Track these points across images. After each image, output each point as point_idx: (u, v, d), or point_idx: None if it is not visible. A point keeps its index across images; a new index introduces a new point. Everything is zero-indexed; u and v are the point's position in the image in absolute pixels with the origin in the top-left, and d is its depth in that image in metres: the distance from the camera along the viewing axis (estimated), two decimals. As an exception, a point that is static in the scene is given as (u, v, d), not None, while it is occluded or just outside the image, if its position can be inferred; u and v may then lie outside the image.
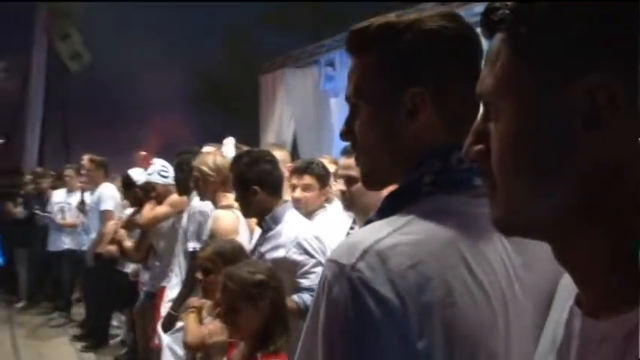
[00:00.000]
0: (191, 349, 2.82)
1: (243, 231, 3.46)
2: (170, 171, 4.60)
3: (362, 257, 0.82)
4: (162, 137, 11.50)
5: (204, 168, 3.60)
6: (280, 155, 3.63)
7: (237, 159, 3.08)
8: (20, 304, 8.42)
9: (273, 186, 2.94)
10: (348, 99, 1.03)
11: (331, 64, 8.76)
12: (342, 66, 8.65)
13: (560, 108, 0.58)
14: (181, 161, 4.28)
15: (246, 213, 3.09)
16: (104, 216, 6.35)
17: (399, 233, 0.85)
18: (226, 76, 22.15)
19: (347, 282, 0.81)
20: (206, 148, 3.87)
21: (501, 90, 0.64)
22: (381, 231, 0.85)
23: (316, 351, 0.85)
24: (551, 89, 0.59)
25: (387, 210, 0.94)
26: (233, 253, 2.73)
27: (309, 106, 9.34)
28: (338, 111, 8.41)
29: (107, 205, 6.38)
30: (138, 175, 5.29)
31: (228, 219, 3.42)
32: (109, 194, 6.47)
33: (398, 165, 0.98)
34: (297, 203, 3.24)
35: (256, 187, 2.88)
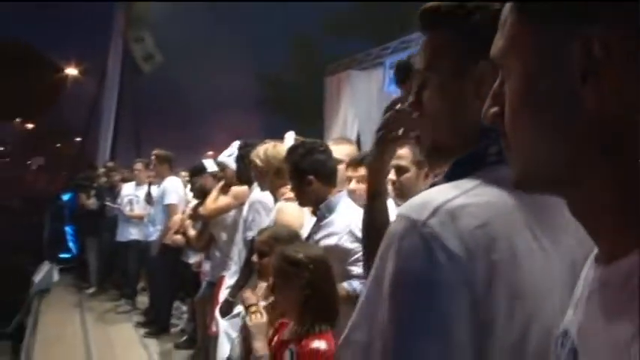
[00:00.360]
0: None
1: (307, 223, 3.42)
2: None
3: (433, 214, 0.85)
4: (229, 136, 11.75)
5: (256, 159, 3.71)
6: (348, 149, 3.66)
7: (291, 150, 3.14)
8: (90, 291, 8.82)
9: (327, 175, 3.01)
10: (418, 72, 1.09)
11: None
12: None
13: (561, 63, 0.61)
14: (243, 153, 4.41)
15: (302, 202, 3.14)
16: (168, 209, 6.61)
17: (467, 195, 0.88)
18: (291, 79, 22.55)
19: (418, 236, 0.84)
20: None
21: (509, 50, 0.68)
22: (450, 192, 0.89)
23: (379, 300, 0.88)
24: (552, 46, 0.62)
25: (452, 175, 0.98)
26: (289, 237, 2.80)
27: (373, 108, 9.36)
28: (401, 113, 8.38)
29: (171, 199, 6.65)
30: (210, 164, 5.49)
31: (293, 211, 3.42)
32: (173, 188, 6.73)
33: (461, 136, 1.03)
34: (353, 195, 3.29)
35: (311, 176, 2.95)
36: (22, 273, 10.55)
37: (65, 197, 11.22)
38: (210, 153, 8.45)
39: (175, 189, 6.74)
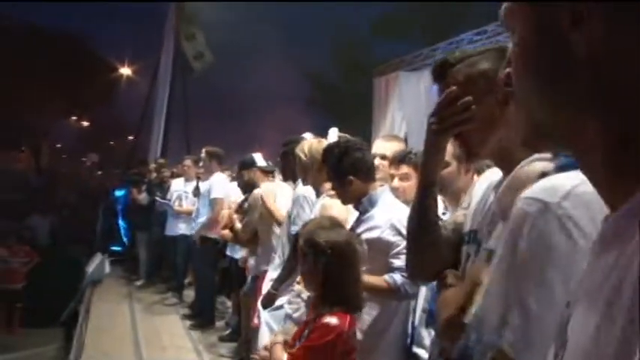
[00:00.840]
0: None
1: (352, 219, 3.38)
2: None
3: (566, 197, 0.90)
4: (278, 135, 11.91)
5: (301, 154, 3.78)
6: (397, 146, 3.68)
7: (327, 151, 3.19)
8: (139, 283, 9.08)
9: (366, 172, 3.04)
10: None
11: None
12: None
13: (551, 13, 0.63)
14: (287, 150, 4.49)
15: (344, 201, 3.18)
16: (213, 203, 6.81)
17: (588, 185, 0.92)
18: (338, 80, 22.64)
19: (554, 217, 0.89)
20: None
21: (512, 11, 0.71)
22: (575, 179, 0.92)
23: (511, 278, 0.92)
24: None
25: (566, 166, 1.00)
26: (331, 226, 2.85)
27: (422, 109, 9.31)
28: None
29: (216, 193, 6.83)
30: (259, 158, 5.62)
31: (337, 207, 3.43)
32: (219, 183, 6.94)
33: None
34: (395, 192, 3.32)
35: (351, 177, 3.00)
36: (77, 264, 10.96)
37: (118, 193, 11.58)
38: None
39: (222, 184, 6.93)
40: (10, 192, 21.01)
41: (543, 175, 1.00)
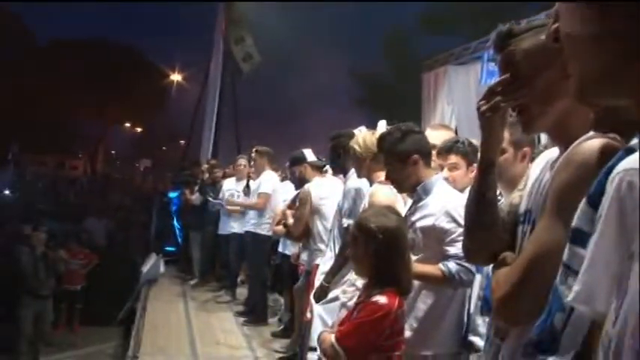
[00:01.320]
0: None
1: (400, 205, 3.42)
2: None
3: None
4: (326, 134, 11.98)
5: (355, 146, 3.75)
6: (446, 135, 3.63)
7: (385, 136, 3.15)
8: (193, 281, 9.22)
9: (427, 154, 3.02)
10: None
11: (494, 59, 8.56)
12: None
13: None
14: (335, 144, 4.49)
15: (401, 187, 3.11)
16: (259, 197, 6.95)
17: None
18: (386, 77, 22.54)
19: None
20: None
21: None
22: None
23: (615, 256, 0.88)
24: None
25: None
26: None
27: (471, 103, 9.15)
28: (500, 107, 8.19)
29: (264, 189, 6.97)
30: (309, 154, 5.66)
31: (386, 193, 3.45)
32: (268, 180, 7.07)
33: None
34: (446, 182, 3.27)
35: (416, 155, 2.95)
36: (132, 265, 11.25)
37: (171, 194, 11.81)
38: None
39: (271, 181, 7.04)
40: (68, 196, 21.77)
41: (629, 150, 0.96)
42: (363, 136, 3.78)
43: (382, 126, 4.05)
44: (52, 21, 41.66)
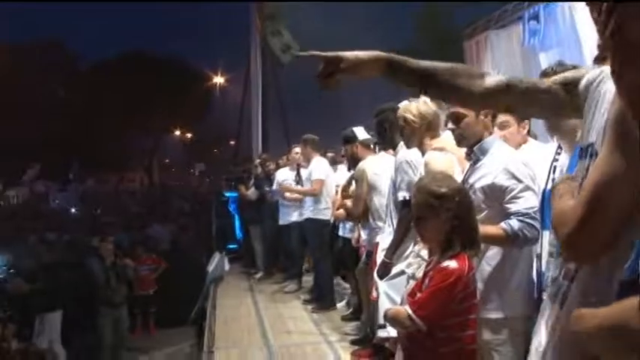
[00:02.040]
0: None
1: (457, 172, 3.32)
2: None
3: None
4: (369, 113, 11.96)
5: (409, 115, 3.68)
6: None
7: None
8: (258, 275, 9.34)
9: (495, 115, 2.96)
10: None
11: (535, 17, 8.31)
12: (547, 18, 8.17)
13: None
14: (381, 119, 4.45)
15: (467, 141, 2.97)
16: (314, 184, 7.01)
17: None
18: (428, 53, 22.18)
19: None
20: (404, 103, 3.93)
21: None
22: None
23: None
24: None
25: None
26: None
27: (517, 66, 8.94)
28: (549, 66, 7.93)
29: (317, 175, 7.02)
30: (360, 132, 5.60)
31: (442, 160, 3.38)
32: (319, 166, 7.17)
33: None
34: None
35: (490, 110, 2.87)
36: (198, 265, 11.49)
37: (227, 194, 11.99)
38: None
39: (322, 167, 7.12)
40: (130, 208, 22.40)
41: None
42: (417, 105, 3.68)
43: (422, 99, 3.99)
44: (89, 42, 42.85)
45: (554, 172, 2.84)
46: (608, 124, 1.32)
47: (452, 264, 2.40)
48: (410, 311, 2.43)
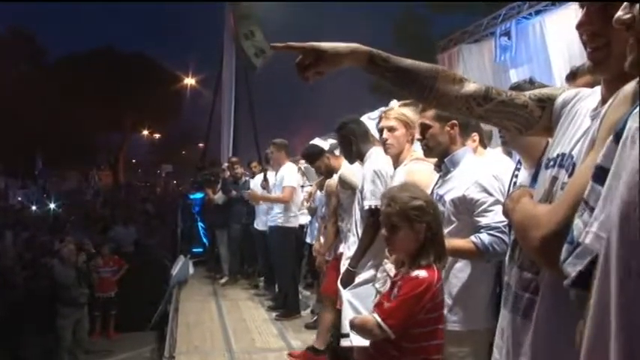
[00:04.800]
0: None
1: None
2: None
3: None
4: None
5: (407, 119, 3.57)
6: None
7: None
8: (223, 280, 9.23)
9: (466, 124, 2.96)
10: None
11: (507, 33, 8.46)
12: (519, 35, 8.31)
13: None
14: (347, 131, 4.38)
15: (431, 151, 3.00)
16: (284, 191, 6.94)
17: None
18: (403, 56, 22.33)
19: None
20: (393, 103, 3.88)
21: None
22: None
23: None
24: None
25: None
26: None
27: (488, 81, 9.01)
28: (519, 83, 8.06)
29: (288, 182, 6.97)
30: (322, 143, 5.46)
31: (425, 171, 3.30)
32: (291, 173, 7.08)
33: None
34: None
35: (455, 120, 2.89)
36: (162, 268, 11.36)
37: (192, 196, 11.87)
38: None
39: (293, 173, 7.06)
40: (94, 207, 22.03)
41: None
42: (413, 111, 3.53)
43: (395, 105, 3.98)
44: (61, 36, 42.11)
45: (514, 186, 2.87)
46: (600, 131, 1.30)
47: (422, 273, 2.41)
48: (379, 319, 2.42)
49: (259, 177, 8.36)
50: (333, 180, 5.23)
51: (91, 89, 31.87)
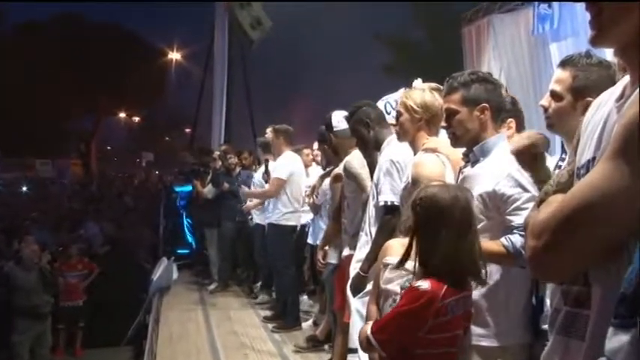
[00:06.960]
0: None
1: (450, 176, 3.29)
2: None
3: None
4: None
5: (411, 102, 3.57)
6: None
7: (452, 79, 2.99)
8: (212, 286, 9.31)
9: (499, 108, 2.96)
10: None
11: (547, 0, 8.41)
12: (562, 3, 8.26)
13: None
14: (360, 115, 4.41)
15: (459, 140, 2.99)
16: (270, 184, 7.11)
17: None
18: (421, 39, 22.35)
19: None
20: (417, 82, 3.86)
21: None
22: None
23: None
24: None
25: None
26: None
27: (523, 58, 9.03)
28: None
29: (277, 173, 7.10)
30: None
31: (433, 163, 3.32)
32: (285, 164, 7.17)
33: None
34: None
35: (485, 104, 2.89)
36: (141, 272, 11.37)
37: (178, 189, 11.89)
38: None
39: (288, 164, 7.14)
40: (61, 202, 22.07)
41: None
42: (421, 93, 3.58)
43: (419, 84, 3.98)
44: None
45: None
46: (616, 130, 1.28)
47: (424, 285, 2.37)
48: (369, 332, 2.43)
49: (262, 169, 8.39)
50: (339, 169, 5.22)
51: (56, 64, 31.41)
